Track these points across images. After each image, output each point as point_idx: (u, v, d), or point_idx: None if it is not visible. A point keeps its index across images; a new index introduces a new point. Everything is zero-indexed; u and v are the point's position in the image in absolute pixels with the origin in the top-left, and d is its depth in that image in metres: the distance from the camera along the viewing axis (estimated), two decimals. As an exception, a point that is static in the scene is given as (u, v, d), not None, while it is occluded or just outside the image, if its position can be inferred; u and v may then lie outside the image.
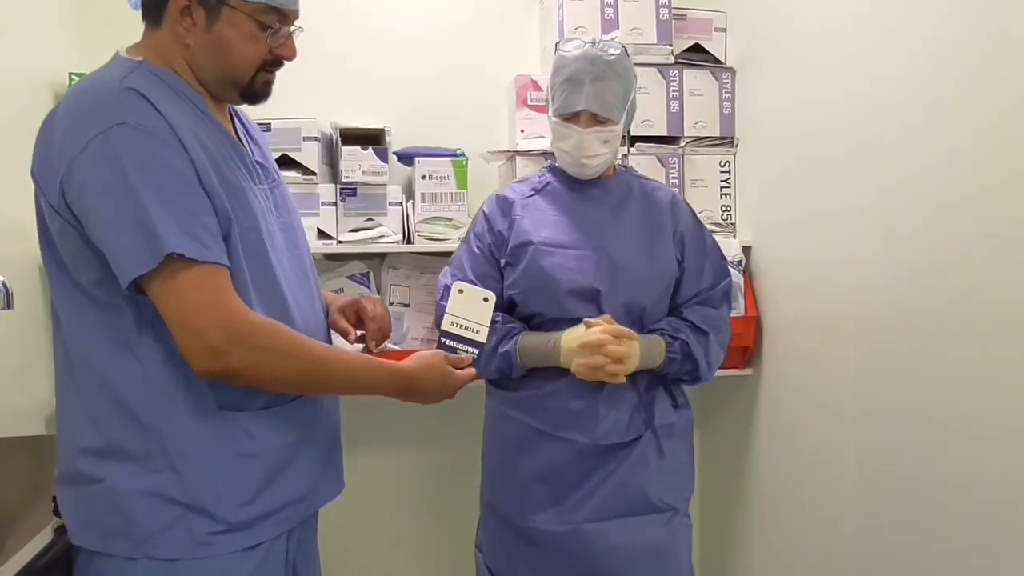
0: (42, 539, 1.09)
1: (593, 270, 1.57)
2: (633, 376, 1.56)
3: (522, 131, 2.11)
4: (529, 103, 2.11)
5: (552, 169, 1.71)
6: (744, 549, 2.10)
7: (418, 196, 2.01)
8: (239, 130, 1.25)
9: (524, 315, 1.62)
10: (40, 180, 1.10)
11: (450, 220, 2.03)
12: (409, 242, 2.02)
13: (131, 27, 2.00)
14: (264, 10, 1.12)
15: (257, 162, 1.22)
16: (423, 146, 2.10)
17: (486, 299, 1.37)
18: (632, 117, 1.67)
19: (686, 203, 1.72)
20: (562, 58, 1.58)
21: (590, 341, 1.50)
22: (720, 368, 1.70)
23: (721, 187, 2.13)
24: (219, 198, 1.08)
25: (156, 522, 1.08)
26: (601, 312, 1.55)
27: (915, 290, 1.50)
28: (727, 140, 2.15)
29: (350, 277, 2.06)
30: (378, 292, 2.08)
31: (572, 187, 1.65)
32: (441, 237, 2.02)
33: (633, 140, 2.08)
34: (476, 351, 1.34)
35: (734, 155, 2.15)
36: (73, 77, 1.84)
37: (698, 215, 1.73)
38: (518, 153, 2.05)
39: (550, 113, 1.61)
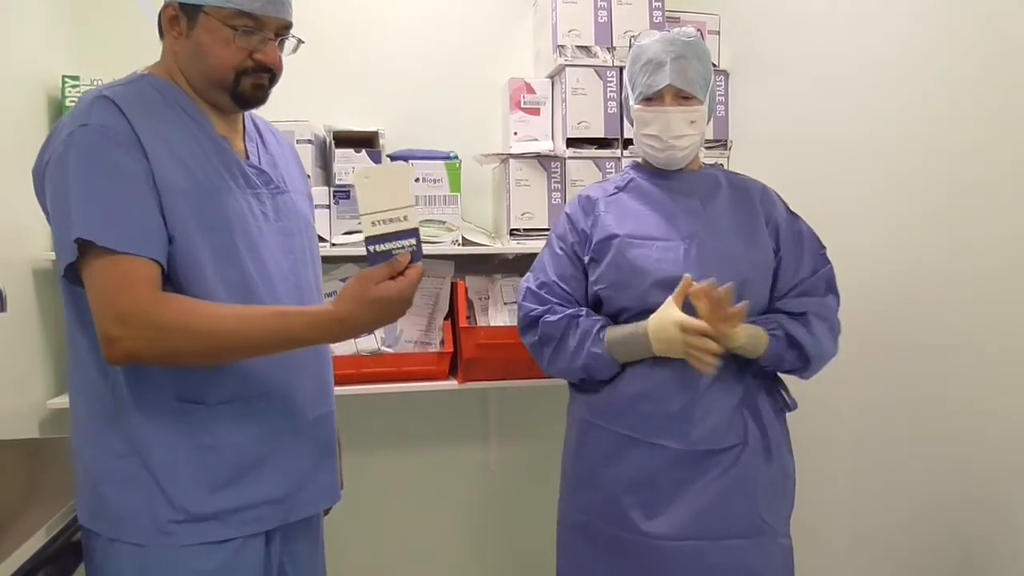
0: (37, 541, 1.09)
1: (683, 259, 1.48)
2: (735, 375, 1.46)
3: (516, 134, 2.11)
4: (523, 106, 2.12)
5: (635, 167, 1.65)
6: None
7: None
8: (248, 138, 1.28)
9: (611, 311, 1.53)
10: (35, 183, 1.18)
11: (443, 223, 2.03)
12: (403, 244, 2.02)
13: (125, 30, 2.02)
14: (234, 15, 1.15)
15: (256, 168, 1.25)
16: (417, 149, 2.10)
17: (399, 176, 1.14)
18: (714, 108, 1.61)
19: (776, 193, 1.62)
20: (640, 47, 1.56)
21: (691, 326, 1.38)
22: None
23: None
24: (178, 196, 1.12)
25: (125, 507, 1.12)
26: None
27: (909, 289, 1.51)
28: (721, 142, 2.16)
29: (343, 280, 2.06)
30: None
31: (657, 182, 1.58)
32: (435, 240, 2.02)
33: (627, 142, 2.09)
34: (412, 241, 1.12)
35: (728, 157, 2.15)
36: (66, 80, 1.84)
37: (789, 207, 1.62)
38: (511, 156, 2.05)
39: (631, 103, 1.56)
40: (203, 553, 1.14)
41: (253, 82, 1.19)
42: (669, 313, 1.41)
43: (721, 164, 1.76)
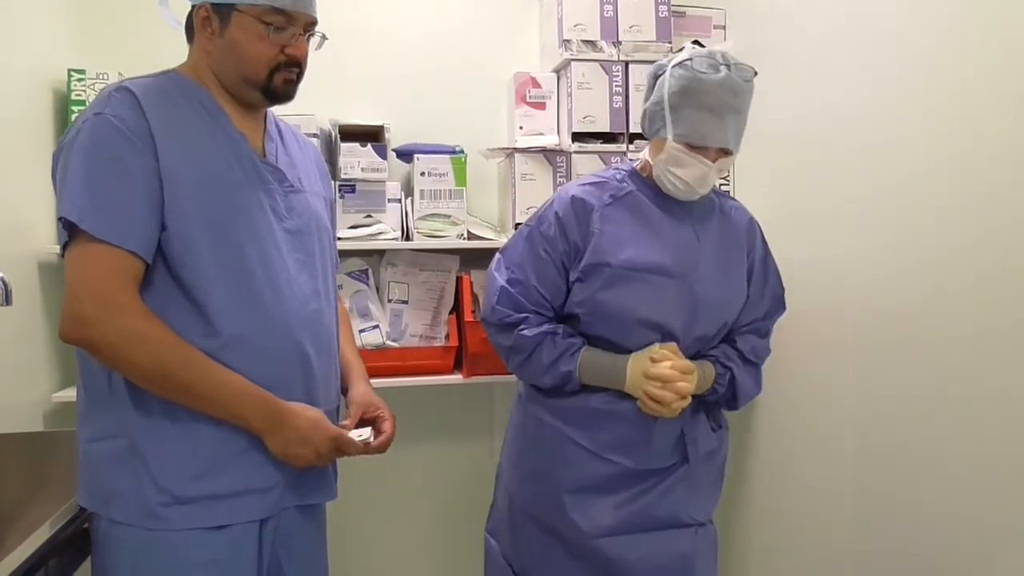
0: (43, 533, 1.09)
1: (673, 303, 1.51)
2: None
3: (521, 128, 2.11)
4: (528, 100, 2.11)
5: (634, 176, 1.58)
6: (743, 547, 2.11)
7: (417, 193, 2.02)
8: (268, 137, 1.32)
9: (586, 333, 1.55)
10: (52, 166, 1.22)
11: (449, 217, 2.03)
12: (408, 239, 2.03)
13: (132, 25, 2.02)
14: (268, 11, 1.20)
15: (271, 166, 1.28)
16: (422, 143, 2.10)
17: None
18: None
19: (759, 228, 1.66)
20: (697, 80, 1.42)
21: (662, 375, 1.47)
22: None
23: (720, 185, 2.13)
24: (183, 187, 1.15)
25: (116, 486, 1.15)
26: (675, 341, 1.52)
27: (913, 289, 1.50)
28: (726, 137, 2.15)
29: (349, 274, 2.06)
30: (377, 289, 2.08)
31: (656, 200, 1.55)
32: (440, 234, 2.02)
33: (632, 137, 2.08)
34: (368, 445, 1.29)
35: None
36: (72, 74, 1.84)
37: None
38: (517, 150, 2.05)
39: (669, 137, 1.46)
40: (194, 539, 1.16)
41: (284, 77, 1.25)
42: (641, 366, 1.49)
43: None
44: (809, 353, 1.83)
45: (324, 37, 1.32)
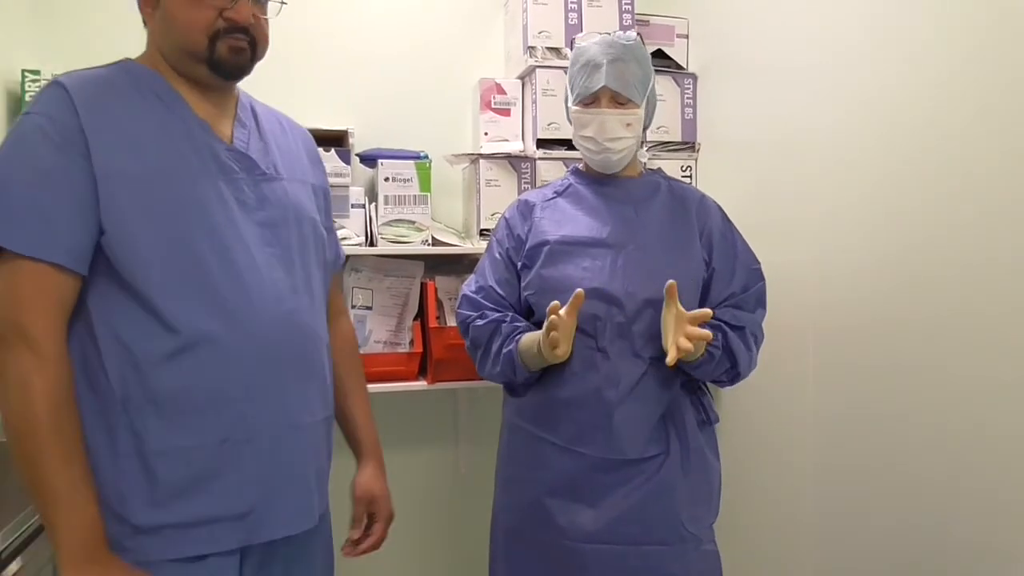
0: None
1: (609, 268, 1.49)
2: (661, 387, 1.48)
3: (486, 134, 2.11)
4: (493, 106, 2.12)
5: (575, 172, 1.67)
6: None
7: (381, 198, 2.00)
8: (239, 123, 1.23)
9: (539, 319, 1.50)
10: None
11: (413, 223, 2.02)
12: (372, 244, 2.01)
13: (86, 23, 1.98)
14: None
15: (237, 153, 1.19)
16: (386, 148, 2.09)
17: None
18: (653, 112, 1.62)
19: (716, 204, 1.64)
20: (579, 48, 1.57)
21: (550, 322, 1.40)
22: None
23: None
24: (121, 183, 1.07)
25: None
26: (623, 309, 1.46)
27: (875, 293, 1.53)
28: (689, 145, 2.18)
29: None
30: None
31: (595, 187, 1.60)
32: (404, 240, 2.01)
33: (596, 144, 2.09)
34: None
35: (695, 160, 2.17)
36: (26, 74, 1.80)
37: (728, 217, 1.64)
38: (482, 156, 2.05)
39: (570, 104, 1.58)
40: (167, 572, 1.07)
41: (229, 44, 1.14)
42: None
43: (662, 170, 1.76)
44: (770, 358, 1.84)
45: (283, 2, 1.21)
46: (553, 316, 1.38)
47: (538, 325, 1.49)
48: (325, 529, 1.30)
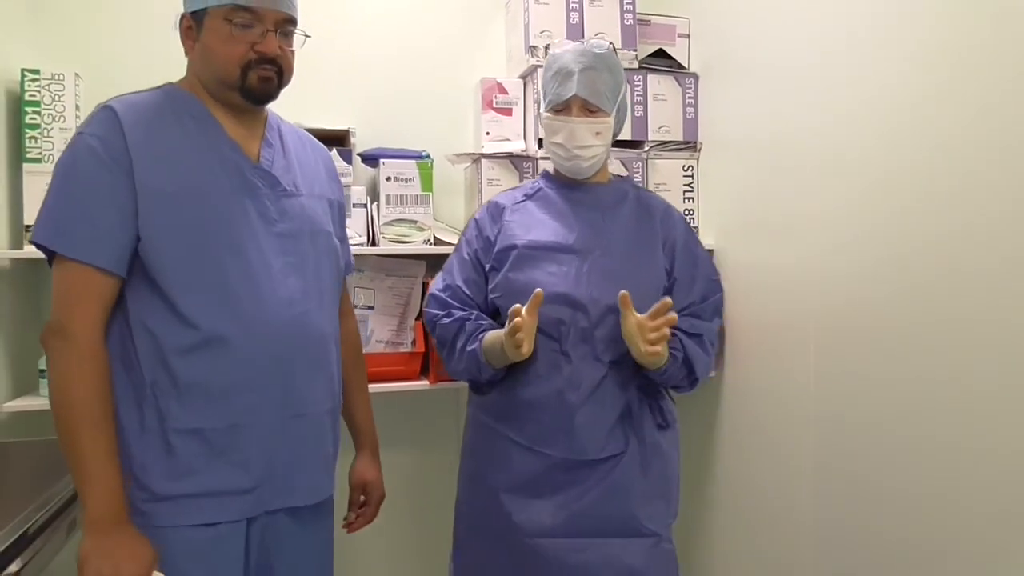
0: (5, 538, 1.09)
1: (575, 274, 1.54)
2: (620, 389, 1.53)
3: (488, 133, 2.11)
4: (495, 105, 2.12)
5: (546, 176, 1.71)
6: (706, 550, 2.13)
7: (383, 198, 2.00)
8: (266, 143, 1.35)
9: (505, 321, 1.53)
10: None
11: (415, 222, 2.02)
12: (374, 244, 2.01)
13: (86, 23, 1.98)
14: (232, 10, 1.24)
15: (262, 171, 1.32)
16: (388, 148, 2.09)
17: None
18: (623, 119, 1.67)
19: (680, 215, 1.71)
20: (552, 56, 1.61)
21: (513, 324, 1.44)
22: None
23: (684, 191, 2.16)
24: (157, 200, 1.21)
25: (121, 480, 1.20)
26: (587, 315, 1.52)
27: (876, 293, 1.52)
28: (690, 144, 2.18)
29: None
30: (342, 294, 2.06)
31: (565, 192, 1.65)
32: (406, 239, 2.01)
33: (598, 144, 2.09)
34: None
35: (697, 159, 2.17)
36: (26, 73, 1.79)
37: (692, 228, 1.69)
38: (483, 155, 2.05)
39: (542, 111, 1.62)
40: (180, 535, 1.20)
41: (259, 74, 1.27)
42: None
43: (632, 177, 1.81)
44: (771, 357, 1.85)
45: (307, 36, 1.35)
46: (517, 319, 1.43)
47: (503, 326, 1.53)
48: (327, 511, 1.43)
